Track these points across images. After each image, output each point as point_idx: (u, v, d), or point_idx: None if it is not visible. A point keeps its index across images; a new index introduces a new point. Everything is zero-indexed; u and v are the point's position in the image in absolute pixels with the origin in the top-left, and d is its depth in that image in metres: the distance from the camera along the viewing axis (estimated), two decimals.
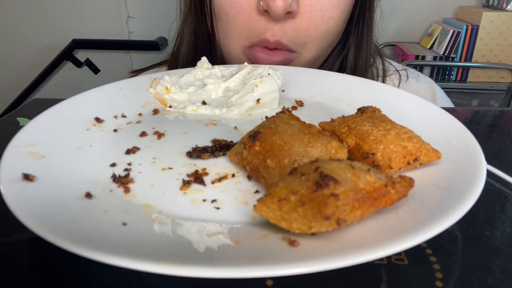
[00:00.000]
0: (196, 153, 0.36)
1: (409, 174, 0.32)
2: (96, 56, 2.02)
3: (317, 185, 0.24)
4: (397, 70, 0.74)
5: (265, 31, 0.57)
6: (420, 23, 2.23)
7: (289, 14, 0.55)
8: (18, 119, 0.46)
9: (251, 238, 0.25)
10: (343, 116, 0.37)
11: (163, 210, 0.29)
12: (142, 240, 0.24)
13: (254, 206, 0.25)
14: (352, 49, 0.66)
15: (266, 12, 0.55)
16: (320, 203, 0.23)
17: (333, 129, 0.35)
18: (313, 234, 0.25)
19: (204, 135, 0.40)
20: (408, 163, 0.32)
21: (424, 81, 0.74)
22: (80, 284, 0.26)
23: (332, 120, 0.37)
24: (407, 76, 0.73)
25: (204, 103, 0.47)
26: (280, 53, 0.59)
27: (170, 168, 0.34)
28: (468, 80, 2.22)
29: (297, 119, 0.34)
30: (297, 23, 0.57)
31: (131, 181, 0.32)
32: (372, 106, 0.37)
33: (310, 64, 0.64)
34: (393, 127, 0.33)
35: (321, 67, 0.69)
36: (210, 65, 0.52)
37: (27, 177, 0.29)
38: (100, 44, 2.04)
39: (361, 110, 0.36)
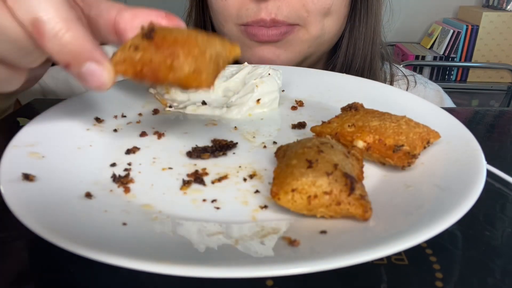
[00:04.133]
0: (196, 153, 0.36)
1: (409, 173, 0.32)
2: None
3: (350, 189, 0.26)
4: (405, 76, 0.75)
5: (259, 11, 0.58)
6: (420, 23, 2.23)
7: None
8: (18, 119, 0.46)
9: (251, 238, 0.25)
10: (336, 117, 0.37)
11: (163, 210, 0.29)
12: (142, 240, 0.25)
13: (278, 199, 0.27)
14: (346, 37, 0.67)
15: None
16: (363, 209, 0.26)
17: (337, 131, 0.35)
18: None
19: (204, 135, 0.40)
20: (424, 147, 0.34)
21: (431, 88, 0.75)
22: (80, 284, 0.26)
23: (324, 122, 0.37)
24: (415, 82, 0.75)
25: (204, 103, 0.47)
26: (278, 28, 0.59)
27: (170, 168, 0.34)
28: (468, 80, 2.22)
29: None
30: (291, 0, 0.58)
31: (131, 181, 0.32)
32: (355, 102, 0.38)
33: (319, 44, 0.64)
34: (396, 118, 0.34)
35: (327, 64, 0.70)
36: None
37: (27, 177, 0.29)
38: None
39: (353, 107, 0.37)
